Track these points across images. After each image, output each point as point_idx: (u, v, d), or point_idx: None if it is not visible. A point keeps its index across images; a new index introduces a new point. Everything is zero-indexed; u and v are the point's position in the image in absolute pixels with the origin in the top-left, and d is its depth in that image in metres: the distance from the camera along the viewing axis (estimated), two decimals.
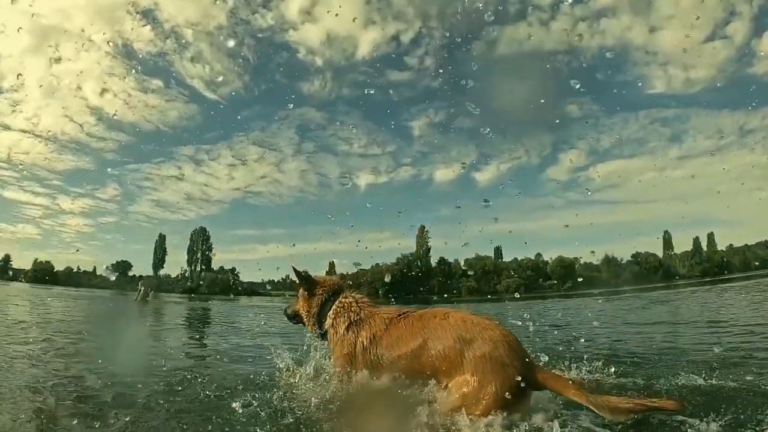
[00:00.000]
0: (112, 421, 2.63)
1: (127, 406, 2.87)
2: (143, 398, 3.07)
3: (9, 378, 3.64)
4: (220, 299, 35.69)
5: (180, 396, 3.19)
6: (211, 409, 2.83)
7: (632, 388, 3.09)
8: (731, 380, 3.19)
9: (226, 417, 2.70)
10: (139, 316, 12.37)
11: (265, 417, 2.66)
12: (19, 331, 7.13)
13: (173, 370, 4.15)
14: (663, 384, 3.22)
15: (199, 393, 3.23)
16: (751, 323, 7.09)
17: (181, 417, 2.72)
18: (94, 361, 4.49)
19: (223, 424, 2.61)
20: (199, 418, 2.70)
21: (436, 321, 2.74)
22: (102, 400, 2.90)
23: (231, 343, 6.97)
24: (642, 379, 3.41)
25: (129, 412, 2.76)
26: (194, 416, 2.73)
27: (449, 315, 2.76)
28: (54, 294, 26.13)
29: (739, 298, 13.07)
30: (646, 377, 3.45)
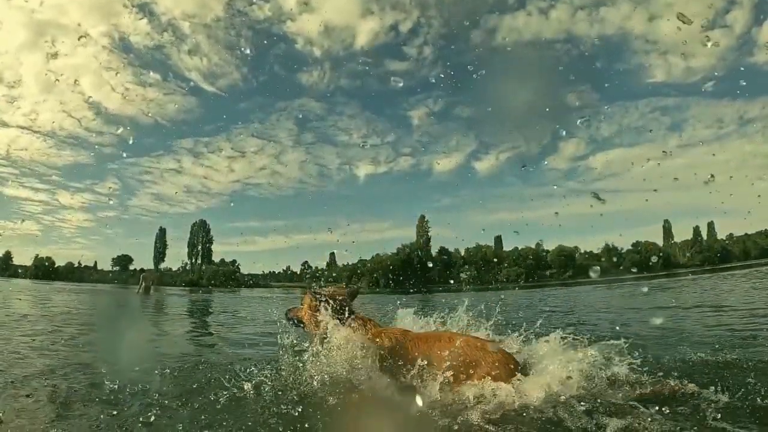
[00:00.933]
0: (126, 405, 2.66)
1: (140, 391, 2.90)
2: (155, 383, 3.10)
3: (23, 366, 3.68)
4: (221, 291, 35.82)
5: (191, 380, 3.23)
6: (221, 389, 2.86)
7: (640, 365, 3.10)
8: (737, 355, 3.23)
9: (237, 396, 2.75)
10: (143, 307, 12.42)
11: (272, 394, 2.75)
12: (26, 324, 7.18)
13: (182, 356, 4.19)
14: (669, 361, 3.25)
15: (209, 376, 3.27)
16: (753, 307, 7.14)
17: (192, 398, 2.76)
18: (102, 349, 4.54)
19: (233, 403, 2.64)
20: (210, 398, 2.74)
21: (441, 344, 2.83)
22: (115, 386, 2.92)
23: (235, 331, 7.02)
24: (651, 355, 3.43)
25: (142, 397, 2.79)
26: (205, 397, 2.77)
27: (454, 338, 2.83)
28: (56, 289, 26.20)
29: (740, 284, 13.13)
30: (655, 356, 3.47)
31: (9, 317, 8.13)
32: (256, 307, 11.85)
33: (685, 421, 2.15)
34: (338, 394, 2.73)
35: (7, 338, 5.25)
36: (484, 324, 3.44)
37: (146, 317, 9.87)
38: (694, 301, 9.60)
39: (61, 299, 15.02)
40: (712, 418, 2.15)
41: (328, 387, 2.81)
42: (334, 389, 2.78)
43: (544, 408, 2.40)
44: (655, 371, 2.73)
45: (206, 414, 2.50)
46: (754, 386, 2.54)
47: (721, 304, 8.21)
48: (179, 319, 9.98)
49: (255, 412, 2.52)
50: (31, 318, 8.10)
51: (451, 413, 2.42)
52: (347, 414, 2.59)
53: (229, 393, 2.77)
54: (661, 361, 3.21)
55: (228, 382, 2.96)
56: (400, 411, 2.61)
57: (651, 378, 2.63)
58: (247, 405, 2.64)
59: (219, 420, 2.41)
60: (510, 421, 2.29)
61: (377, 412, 2.66)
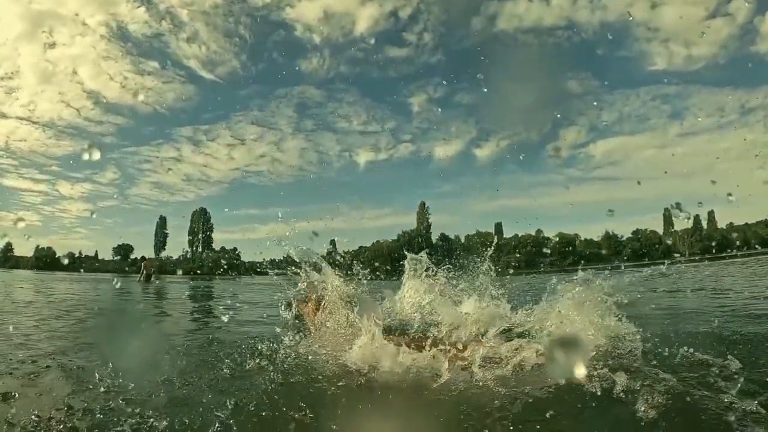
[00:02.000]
0: (140, 379, 2.69)
1: (152, 367, 2.95)
2: (167, 359, 3.14)
3: (35, 348, 3.76)
4: (222, 278, 36.02)
5: (200, 356, 3.28)
6: (231, 363, 2.91)
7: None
8: (743, 329, 3.28)
9: (245, 370, 2.80)
10: (144, 293, 12.50)
11: (278, 365, 2.82)
12: (33, 309, 7.25)
13: (187, 334, 4.23)
14: (677, 332, 3.29)
15: (217, 353, 3.31)
16: (755, 290, 7.20)
17: (204, 373, 2.82)
18: (111, 331, 4.59)
19: (242, 377, 2.69)
20: (219, 373, 2.79)
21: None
22: (129, 363, 2.97)
23: (239, 313, 7.07)
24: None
25: (154, 373, 2.83)
26: (216, 372, 2.82)
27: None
28: (58, 278, 26.30)
29: (740, 270, 13.20)
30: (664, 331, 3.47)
31: (15, 304, 8.19)
32: (257, 292, 11.92)
33: (694, 387, 2.21)
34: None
35: (17, 323, 5.31)
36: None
37: (149, 302, 9.93)
38: (696, 285, 9.64)
39: (63, 287, 15.10)
40: (722, 385, 2.20)
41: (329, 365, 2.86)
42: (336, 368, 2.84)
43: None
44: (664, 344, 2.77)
45: (219, 386, 2.55)
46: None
47: (723, 287, 8.26)
48: (182, 303, 10.05)
49: (263, 384, 2.56)
50: (37, 305, 8.15)
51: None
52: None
53: (238, 367, 2.83)
54: (669, 334, 3.24)
55: (237, 357, 3.01)
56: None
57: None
58: (255, 377, 2.68)
59: (231, 391, 2.44)
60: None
61: (380, 388, 2.68)
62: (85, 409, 2.25)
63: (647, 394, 2.09)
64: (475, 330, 2.97)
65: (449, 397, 2.33)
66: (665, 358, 2.59)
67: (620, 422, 2.02)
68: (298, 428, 2.06)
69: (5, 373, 2.92)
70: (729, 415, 1.90)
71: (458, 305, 3.51)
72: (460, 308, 3.42)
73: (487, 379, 2.48)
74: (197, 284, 22.77)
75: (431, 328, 3.04)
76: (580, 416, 2.09)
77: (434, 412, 2.20)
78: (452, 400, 2.29)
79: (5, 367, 3.05)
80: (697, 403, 2.04)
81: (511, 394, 2.29)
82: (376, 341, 2.88)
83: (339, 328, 3.24)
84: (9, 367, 3.06)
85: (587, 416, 2.07)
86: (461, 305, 3.53)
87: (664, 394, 2.08)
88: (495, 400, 2.23)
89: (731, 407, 1.96)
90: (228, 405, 2.16)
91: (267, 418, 2.14)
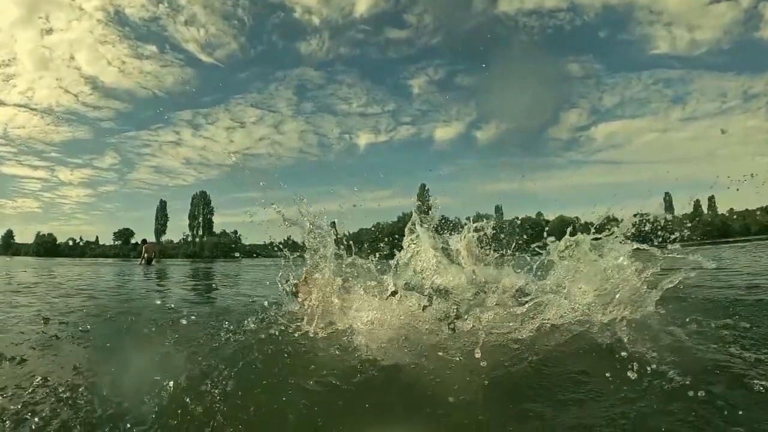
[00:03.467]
0: (150, 343, 2.73)
1: (161, 332, 2.96)
2: (173, 327, 3.13)
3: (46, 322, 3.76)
4: (223, 261, 36.27)
5: (208, 325, 3.27)
6: (234, 332, 2.91)
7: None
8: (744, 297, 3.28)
9: (250, 339, 2.78)
10: (146, 275, 12.55)
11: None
12: (41, 288, 7.36)
13: (192, 306, 4.23)
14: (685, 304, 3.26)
15: (221, 326, 3.29)
16: (755, 271, 7.17)
17: (211, 340, 2.80)
18: (119, 307, 4.64)
19: (241, 347, 2.66)
20: (227, 339, 2.78)
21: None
22: (140, 332, 3.00)
23: (241, 290, 7.11)
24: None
25: (161, 338, 2.87)
26: (221, 339, 2.81)
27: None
28: (59, 263, 26.51)
29: (740, 253, 13.21)
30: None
31: (21, 285, 8.25)
32: (258, 272, 11.98)
33: (705, 343, 2.25)
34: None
35: (26, 303, 5.37)
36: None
37: (152, 282, 9.98)
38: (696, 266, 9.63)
39: (67, 271, 15.20)
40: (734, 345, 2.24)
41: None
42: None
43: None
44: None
45: (224, 351, 2.55)
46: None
47: (723, 267, 8.25)
48: (184, 282, 10.11)
49: (268, 347, 2.56)
50: (44, 285, 8.19)
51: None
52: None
53: (242, 336, 2.82)
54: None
55: (239, 326, 3.01)
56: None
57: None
58: (259, 344, 2.66)
59: (235, 358, 2.43)
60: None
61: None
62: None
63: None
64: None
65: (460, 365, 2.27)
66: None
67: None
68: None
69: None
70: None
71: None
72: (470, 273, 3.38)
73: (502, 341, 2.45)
74: (198, 266, 22.89)
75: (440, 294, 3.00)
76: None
77: (442, 380, 2.12)
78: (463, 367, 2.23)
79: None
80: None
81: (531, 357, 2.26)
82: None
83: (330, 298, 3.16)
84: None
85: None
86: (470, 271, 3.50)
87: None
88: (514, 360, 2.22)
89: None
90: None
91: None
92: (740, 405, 1.63)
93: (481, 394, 1.90)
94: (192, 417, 1.71)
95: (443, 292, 3.10)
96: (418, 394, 1.91)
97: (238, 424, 1.70)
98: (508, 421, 1.70)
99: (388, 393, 1.94)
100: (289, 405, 1.83)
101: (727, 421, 1.55)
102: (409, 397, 1.90)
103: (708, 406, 1.63)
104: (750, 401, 1.67)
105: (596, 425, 1.59)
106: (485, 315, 2.66)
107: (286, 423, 1.73)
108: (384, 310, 2.78)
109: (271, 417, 1.78)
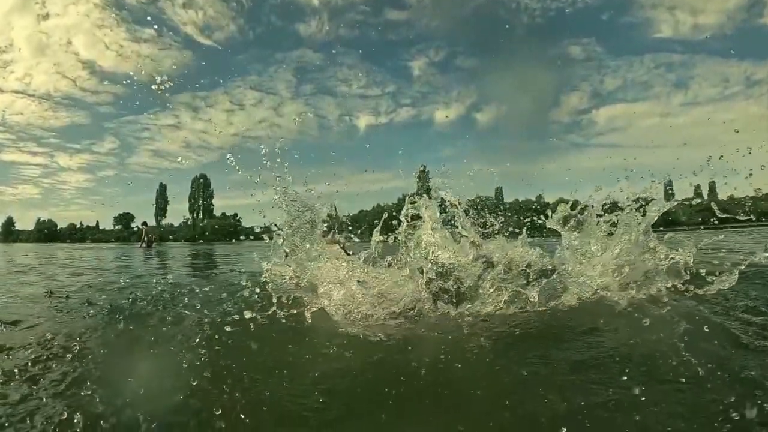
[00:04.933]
0: (155, 315, 2.85)
1: (167, 301, 3.12)
2: (175, 306, 3.21)
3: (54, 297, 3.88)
4: (224, 243, 36.34)
5: (213, 307, 3.35)
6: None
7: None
8: None
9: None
10: (146, 256, 12.67)
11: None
12: (45, 268, 7.49)
13: (195, 281, 4.30)
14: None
15: (222, 304, 3.37)
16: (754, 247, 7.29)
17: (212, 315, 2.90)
18: (122, 284, 4.74)
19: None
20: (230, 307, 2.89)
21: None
22: (145, 309, 3.08)
23: (242, 266, 7.18)
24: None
25: (165, 308, 2.98)
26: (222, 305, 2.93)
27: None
28: (60, 248, 26.58)
29: (739, 236, 13.29)
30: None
31: (26, 267, 8.37)
32: (259, 250, 12.06)
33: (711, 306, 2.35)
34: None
35: (32, 281, 5.51)
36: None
37: (152, 262, 10.09)
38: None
39: (68, 254, 15.30)
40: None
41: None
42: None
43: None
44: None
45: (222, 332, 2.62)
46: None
47: (720, 246, 8.34)
48: (185, 260, 10.25)
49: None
50: (48, 266, 8.31)
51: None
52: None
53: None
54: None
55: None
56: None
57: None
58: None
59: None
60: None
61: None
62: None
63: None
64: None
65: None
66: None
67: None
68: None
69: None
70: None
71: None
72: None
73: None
74: (199, 248, 23.00)
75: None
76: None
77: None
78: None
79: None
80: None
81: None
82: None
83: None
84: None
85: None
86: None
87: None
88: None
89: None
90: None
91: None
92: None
93: (482, 376, 1.81)
94: (195, 389, 1.74)
95: (447, 268, 3.10)
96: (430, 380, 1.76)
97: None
98: (515, 401, 1.59)
99: (399, 379, 1.76)
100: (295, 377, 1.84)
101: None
102: (424, 382, 1.74)
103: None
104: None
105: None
106: (490, 291, 2.67)
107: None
108: (389, 284, 2.73)
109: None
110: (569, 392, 1.59)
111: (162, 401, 1.62)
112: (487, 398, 1.61)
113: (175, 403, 1.59)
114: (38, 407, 1.58)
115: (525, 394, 1.61)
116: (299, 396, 1.62)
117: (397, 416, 1.46)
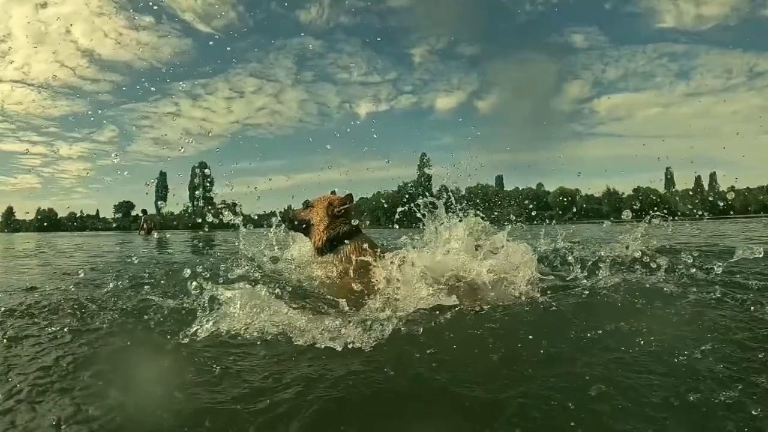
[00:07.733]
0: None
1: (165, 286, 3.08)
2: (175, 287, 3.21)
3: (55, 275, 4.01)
4: (224, 231, 36.45)
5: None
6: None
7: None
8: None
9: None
10: (146, 243, 12.73)
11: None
12: (47, 254, 7.58)
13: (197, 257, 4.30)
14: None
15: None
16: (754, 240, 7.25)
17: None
18: (122, 267, 4.76)
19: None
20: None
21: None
22: (152, 281, 3.21)
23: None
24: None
25: (163, 289, 2.96)
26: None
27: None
28: (61, 236, 26.67)
29: (737, 227, 13.27)
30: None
31: (27, 251, 8.44)
32: (258, 236, 12.08)
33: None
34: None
35: (34, 265, 5.63)
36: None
37: (152, 247, 10.15)
38: (694, 236, 9.73)
39: (69, 241, 15.38)
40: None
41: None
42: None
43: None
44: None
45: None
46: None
47: (721, 233, 8.40)
48: (185, 246, 10.31)
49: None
50: (49, 252, 8.38)
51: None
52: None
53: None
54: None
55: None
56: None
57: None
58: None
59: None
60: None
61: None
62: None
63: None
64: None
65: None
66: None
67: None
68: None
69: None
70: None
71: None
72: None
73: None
74: (199, 235, 23.05)
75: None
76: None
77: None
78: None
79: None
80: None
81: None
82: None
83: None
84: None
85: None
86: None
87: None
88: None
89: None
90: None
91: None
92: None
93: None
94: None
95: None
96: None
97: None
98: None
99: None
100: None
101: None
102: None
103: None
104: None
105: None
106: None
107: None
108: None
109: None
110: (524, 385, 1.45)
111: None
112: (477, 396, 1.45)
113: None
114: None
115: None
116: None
117: (387, 416, 1.40)
